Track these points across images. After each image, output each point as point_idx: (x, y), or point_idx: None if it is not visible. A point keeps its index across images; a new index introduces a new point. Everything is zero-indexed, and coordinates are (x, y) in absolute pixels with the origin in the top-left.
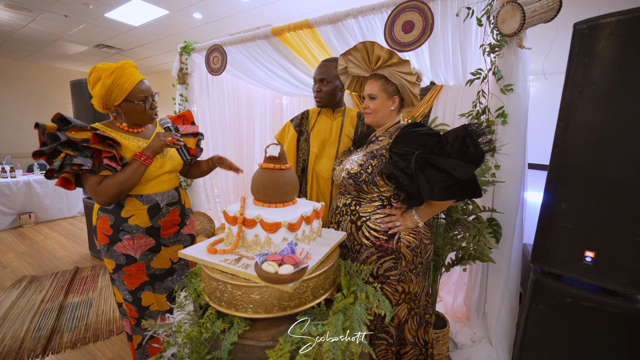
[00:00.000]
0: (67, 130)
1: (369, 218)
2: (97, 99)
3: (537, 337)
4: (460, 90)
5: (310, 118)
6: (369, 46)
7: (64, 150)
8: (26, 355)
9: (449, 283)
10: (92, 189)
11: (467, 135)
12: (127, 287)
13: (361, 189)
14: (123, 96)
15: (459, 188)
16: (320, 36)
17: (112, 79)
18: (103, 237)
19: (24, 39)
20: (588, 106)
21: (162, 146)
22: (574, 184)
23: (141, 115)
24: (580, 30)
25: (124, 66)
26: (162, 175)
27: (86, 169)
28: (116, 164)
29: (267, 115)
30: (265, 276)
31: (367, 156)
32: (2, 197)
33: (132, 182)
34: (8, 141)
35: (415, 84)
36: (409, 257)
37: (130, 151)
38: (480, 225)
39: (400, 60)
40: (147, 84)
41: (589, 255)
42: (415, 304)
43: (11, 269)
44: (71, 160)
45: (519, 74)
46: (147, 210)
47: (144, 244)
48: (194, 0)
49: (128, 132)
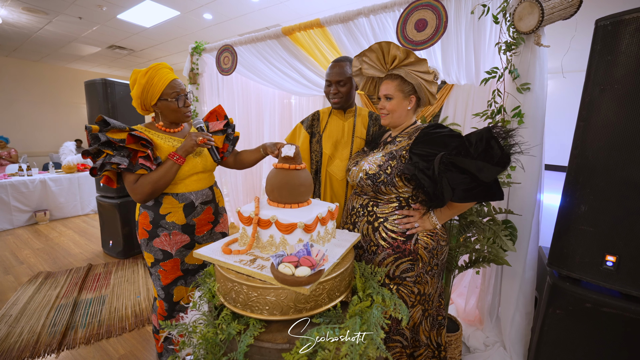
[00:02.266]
0: (108, 132)
1: (387, 219)
2: (135, 99)
3: (553, 342)
4: (472, 90)
5: (321, 119)
6: (384, 46)
7: (104, 150)
8: (42, 349)
9: (461, 285)
10: (129, 187)
11: (492, 138)
12: (162, 282)
13: (379, 189)
14: (157, 95)
15: (480, 190)
16: (331, 35)
17: (147, 78)
18: (143, 232)
19: (41, 41)
20: (610, 105)
21: (193, 146)
22: (595, 186)
23: (175, 113)
24: (602, 27)
25: (158, 66)
26: (195, 174)
27: (123, 167)
28: (151, 163)
29: (276, 114)
30: (281, 278)
31: (386, 157)
32: (19, 195)
33: (165, 181)
34: (25, 140)
35: (433, 83)
36: (425, 258)
37: (165, 151)
38: (496, 227)
39: (417, 59)
40: (180, 82)
41: (609, 259)
42: (429, 305)
43: (28, 265)
44: (110, 159)
45: (536, 72)
46: (182, 209)
47: (179, 241)
48: (204, 1)
49: (165, 132)
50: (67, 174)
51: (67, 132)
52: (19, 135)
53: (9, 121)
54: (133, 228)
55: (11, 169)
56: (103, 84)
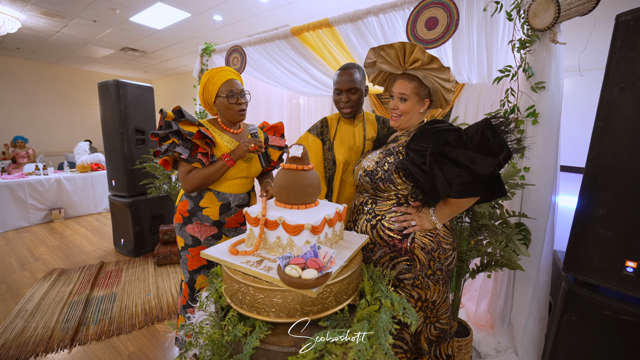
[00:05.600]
0: (180, 122)
1: (384, 216)
2: (200, 96)
3: (568, 350)
4: (483, 89)
5: (330, 126)
6: (408, 47)
7: (172, 137)
8: (56, 345)
9: (471, 289)
10: (182, 176)
11: (487, 128)
12: (188, 267)
13: (378, 186)
14: (215, 91)
15: (479, 185)
16: (340, 35)
17: (208, 77)
18: (179, 217)
19: (57, 44)
20: (631, 104)
21: (245, 151)
22: (613, 188)
23: (229, 110)
24: (623, 22)
25: (220, 68)
26: (239, 178)
27: (183, 158)
28: (206, 160)
29: (285, 114)
30: (288, 280)
31: (383, 153)
32: (36, 194)
33: (213, 178)
34: (41, 140)
35: (450, 91)
36: (423, 260)
37: (221, 148)
38: (509, 230)
39: (440, 66)
40: (237, 82)
41: (630, 265)
42: (432, 313)
43: (43, 261)
44: (174, 147)
45: (551, 70)
46: (219, 207)
47: (209, 230)
48: (214, 3)
49: (226, 130)
50: (81, 173)
51: (82, 132)
52: (36, 135)
53: (27, 121)
54: (143, 227)
55: (28, 168)
56: (116, 85)
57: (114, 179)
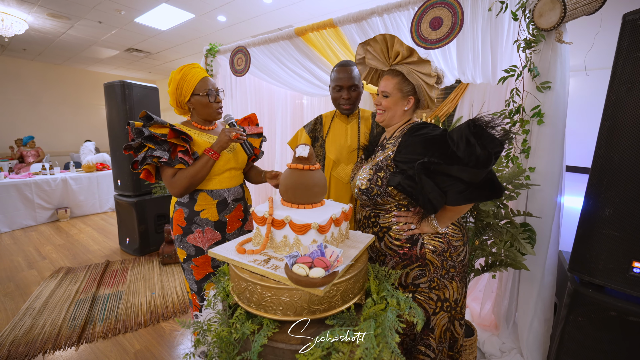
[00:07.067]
0: (150, 126)
1: (390, 228)
2: (171, 96)
3: (574, 351)
4: (488, 89)
5: (324, 123)
6: (388, 39)
7: (146, 144)
8: (63, 342)
9: (476, 289)
10: (168, 181)
11: (470, 134)
12: (194, 277)
13: (376, 202)
14: (190, 90)
15: (474, 190)
16: (344, 35)
17: (181, 74)
18: (178, 229)
19: (63, 45)
20: (638, 104)
21: (227, 141)
22: (620, 188)
23: (207, 108)
24: (631, 22)
25: (192, 65)
26: (228, 171)
27: (163, 161)
28: (189, 158)
29: (288, 115)
30: (296, 279)
31: (373, 169)
32: (42, 193)
33: (201, 176)
34: (48, 140)
35: (433, 87)
36: (436, 262)
37: (201, 147)
38: (514, 230)
39: (419, 59)
40: (212, 80)
41: (637, 266)
42: (455, 311)
43: (50, 260)
44: (152, 153)
45: (557, 70)
46: (216, 205)
47: (211, 238)
48: (218, 4)
49: (201, 129)
50: (86, 173)
51: (87, 132)
52: (42, 136)
53: (33, 122)
54: (148, 226)
55: (35, 168)
56: (121, 85)
57: (120, 179)
